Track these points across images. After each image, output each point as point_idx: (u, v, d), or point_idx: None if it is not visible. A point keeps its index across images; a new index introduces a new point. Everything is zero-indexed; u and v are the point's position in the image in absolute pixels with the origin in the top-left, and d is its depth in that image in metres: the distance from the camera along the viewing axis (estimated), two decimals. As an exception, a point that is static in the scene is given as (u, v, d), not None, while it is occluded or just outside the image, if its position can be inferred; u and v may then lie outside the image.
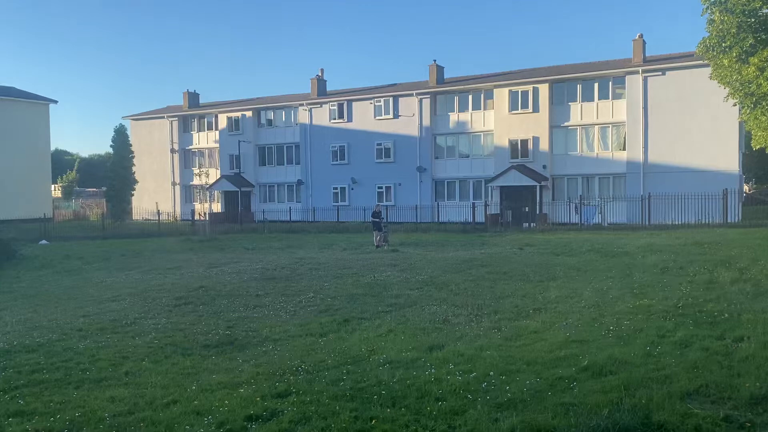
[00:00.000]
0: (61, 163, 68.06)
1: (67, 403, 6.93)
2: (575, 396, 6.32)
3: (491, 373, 7.14)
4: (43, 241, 31.27)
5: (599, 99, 35.88)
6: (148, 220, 44.11)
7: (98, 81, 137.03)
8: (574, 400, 6.20)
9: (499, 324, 9.91)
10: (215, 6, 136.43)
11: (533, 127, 36.87)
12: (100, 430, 6.05)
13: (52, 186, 52.88)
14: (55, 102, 48.27)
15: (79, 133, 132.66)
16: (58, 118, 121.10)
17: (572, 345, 8.33)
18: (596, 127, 36.01)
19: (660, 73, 34.00)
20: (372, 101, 42.37)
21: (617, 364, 7.26)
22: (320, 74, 46.36)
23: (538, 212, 35.27)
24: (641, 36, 35.84)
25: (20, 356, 9.10)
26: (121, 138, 45.30)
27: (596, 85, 35.93)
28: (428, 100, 40.48)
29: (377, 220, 24.74)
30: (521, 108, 37.16)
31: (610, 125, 35.68)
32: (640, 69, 34.29)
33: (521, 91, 37.22)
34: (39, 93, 49.65)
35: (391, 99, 41.63)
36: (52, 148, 51.69)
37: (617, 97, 35.50)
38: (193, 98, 51.87)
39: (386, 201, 40.87)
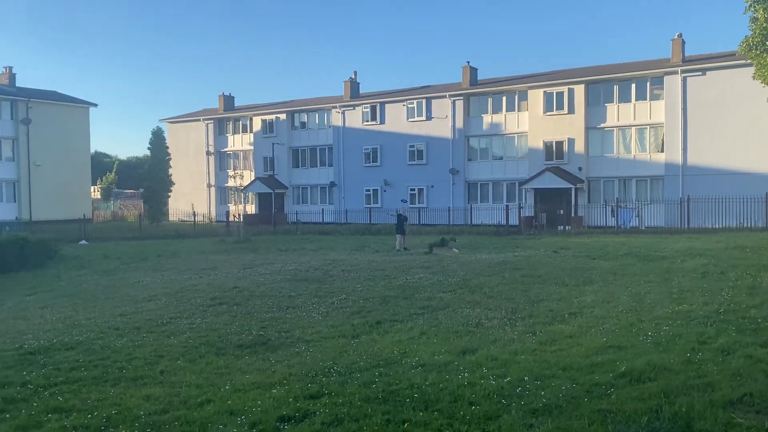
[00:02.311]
0: (100, 165, 69.65)
1: (104, 400, 7.04)
2: (612, 403, 6.18)
3: (526, 377, 7.03)
4: (83, 242, 32.02)
5: (636, 100, 35.20)
6: (184, 221, 44.85)
7: (136, 84, 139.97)
8: (611, 406, 6.05)
9: (534, 328, 9.76)
10: (251, 10, 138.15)
11: (568, 128, 36.37)
12: (135, 428, 6.12)
13: (92, 187, 54.19)
14: (95, 105, 49.49)
15: (117, 136, 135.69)
16: (97, 121, 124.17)
17: (609, 350, 8.15)
18: (633, 128, 35.35)
19: (700, 73, 33.20)
20: (405, 103, 42.34)
21: (656, 371, 7.07)
22: (353, 77, 46.53)
23: (573, 215, 34.76)
24: (680, 35, 35.07)
25: (60, 353, 9.30)
26: (158, 140, 46.17)
27: (633, 85, 35.27)
28: (461, 101, 40.27)
29: (403, 222, 24.91)
30: (556, 109, 36.70)
31: (648, 126, 34.98)
32: (679, 69, 33.54)
33: (556, 92, 36.76)
34: (79, 96, 50.90)
35: (423, 101, 41.54)
36: (92, 150, 53.00)
37: (655, 98, 34.78)
38: (228, 101, 52.57)
39: (418, 203, 40.78)
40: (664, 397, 6.15)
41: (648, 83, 34.90)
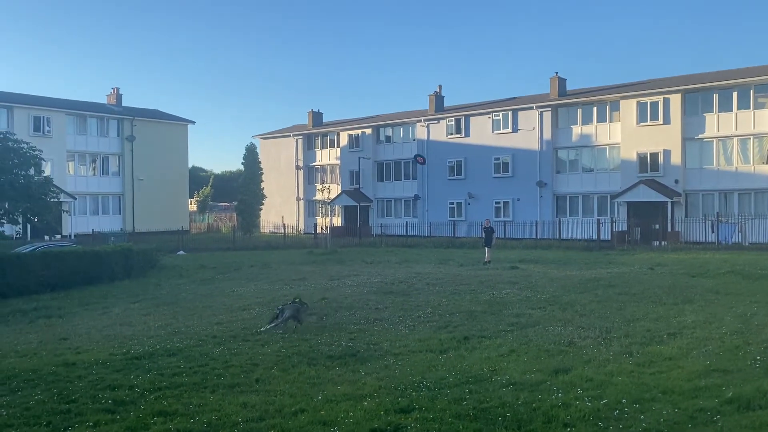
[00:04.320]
0: (196, 179, 73.10)
1: (205, 406, 7.35)
2: (720, 430, 5.87)
3: (623, 400, 6.77)
4: (181, 252, 33.67)
5: (738, 109, 33.24)
6: (274, 232, 46.29)
7: (231, 103, 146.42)
8: (718, 435, 5.73)
9: (630, 349, 9.38)
10: (338, 29, 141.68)
11: (664, 139, 34.84)
12: (234, 434, 6.36)
13: (189, 200, 57.01)
14: (193, 122, 52.21)
15: (213, 151, 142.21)
16: (195, 137, 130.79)
17: (713, 374, 7.72)
18: (735, 139, 33.39)
19: (811, 78, 30.98)
20: (490, 115, 41.95)
21: (767, 398, 6.63)
22: (438, 90, 46.64)
23: (669, 230, 33.14)
24: (788, 39, 32.92)
25: (163, 359, 9.80)
26: (251, 156, 48.02)
27: (735, 94, 33.34)
28: (549, 112, 39.46)
29: (491, 234, 24.88)
30: (650, 120, 35.25)
31: (752, 137, 32.94)
32: (787, 75, 31.45)
33: (650, 102, 35.32)
34: (179, 114, 53.85)
35: (510, 113, 41.01)
36: (189, 165, 55.82)
37: (759, 106, 32.73)
38: (317, 117, 53.99)
39: (504, 216, 40.18)
40: (778, 427, 5.76)
41: (751, 91, 32.90)
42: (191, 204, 63.87)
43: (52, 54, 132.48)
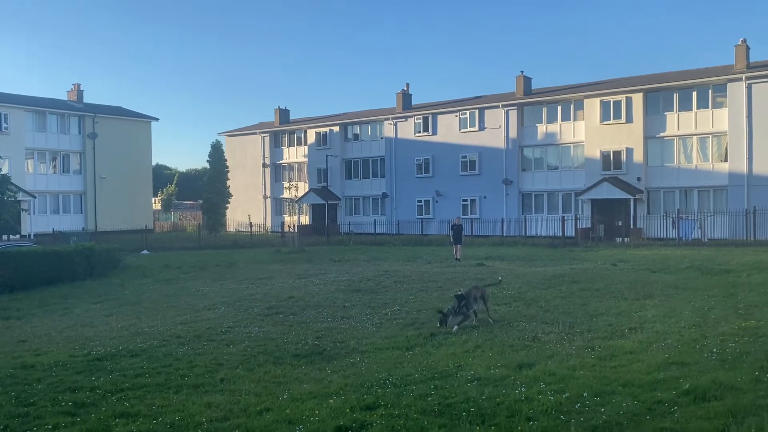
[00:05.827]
0: (161, 177, 71.90)
1: (168, 406, 7.27)
2: (676, 421, 6.01)
3: (585, 393, 6.90)
4: (145, 251, 33.12)
5: (698, 108, 34.10)
6: (241, 231, 45.86)
7: (196, 99, 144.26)
8: (675, 425, 5.89)
9: (593, 343, 9.57)
10: (304, 26, 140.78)
11: (626, 138, 35.53)
12: (198, 435, 6.30)
13: (153, 199, 56.08)
14: (157, 120, 51.36)
15: (177, 149, 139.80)
16: (159, 135, 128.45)
17: (672, 367, 7.92)
18: (695, 137, 34.24)
19: (766, 79, 31.93)
20: (457, 114, 42.24)
21: (722, 389, 6.84)
22: (406, 88, 46.74)
23: (632, 226, 33.86)
24: (744, 41, 33.83)
25: (125, 360, 9.65)
26: (217, 153, 47.45)
27: (694, 93, 34.19)
28: (515, 111, 39.89)
29: (460, 231, 25.21)
30: (614, 118, 35.91)
31: (710, 135, 33.82)
32: (743, 76, 32.34)
33: (613, 101, 35.98)
34: (142, 111, 52.94)
35: (476, 111, 41.34)
36: (153, 163, 54.90)
37: (718, 105, 33.63)
38: (284, 115, 53.61)
39: (471, 214, 40.48)
40: (731, 417, 5.94)
41: (710, 91, 33.78)
42: (155, 203, 62.82)
43: (10, 49, 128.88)
